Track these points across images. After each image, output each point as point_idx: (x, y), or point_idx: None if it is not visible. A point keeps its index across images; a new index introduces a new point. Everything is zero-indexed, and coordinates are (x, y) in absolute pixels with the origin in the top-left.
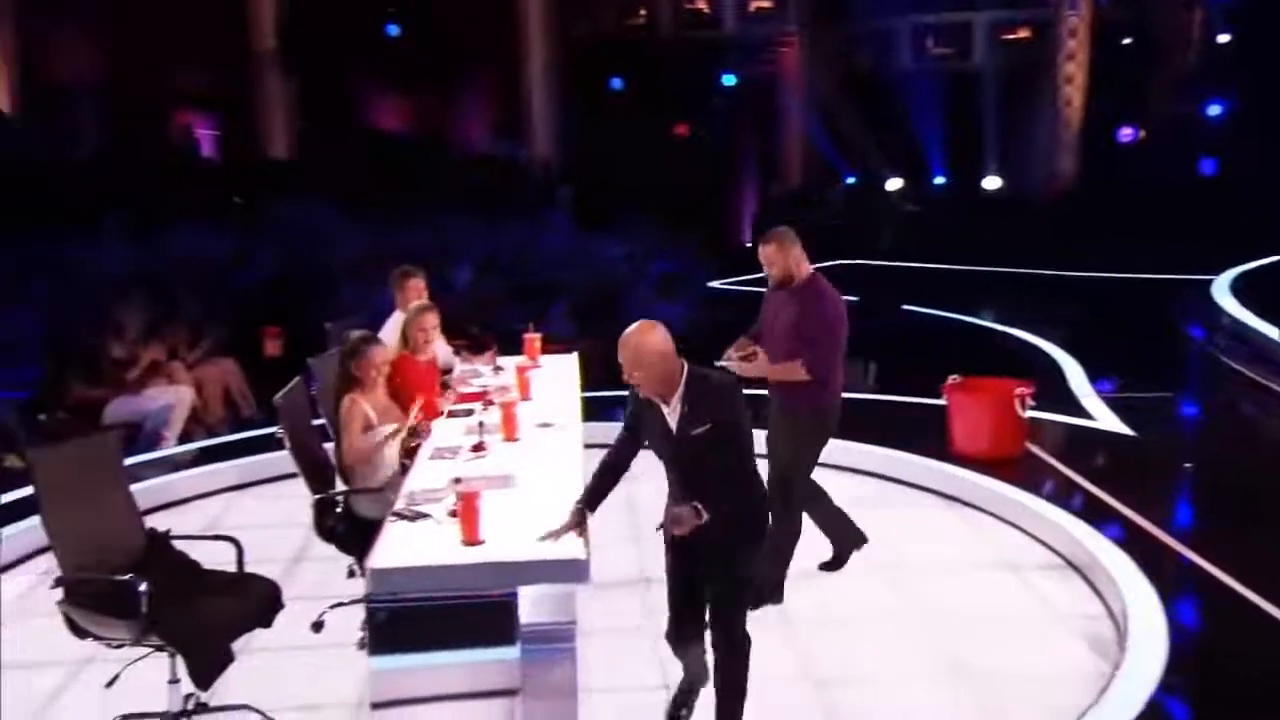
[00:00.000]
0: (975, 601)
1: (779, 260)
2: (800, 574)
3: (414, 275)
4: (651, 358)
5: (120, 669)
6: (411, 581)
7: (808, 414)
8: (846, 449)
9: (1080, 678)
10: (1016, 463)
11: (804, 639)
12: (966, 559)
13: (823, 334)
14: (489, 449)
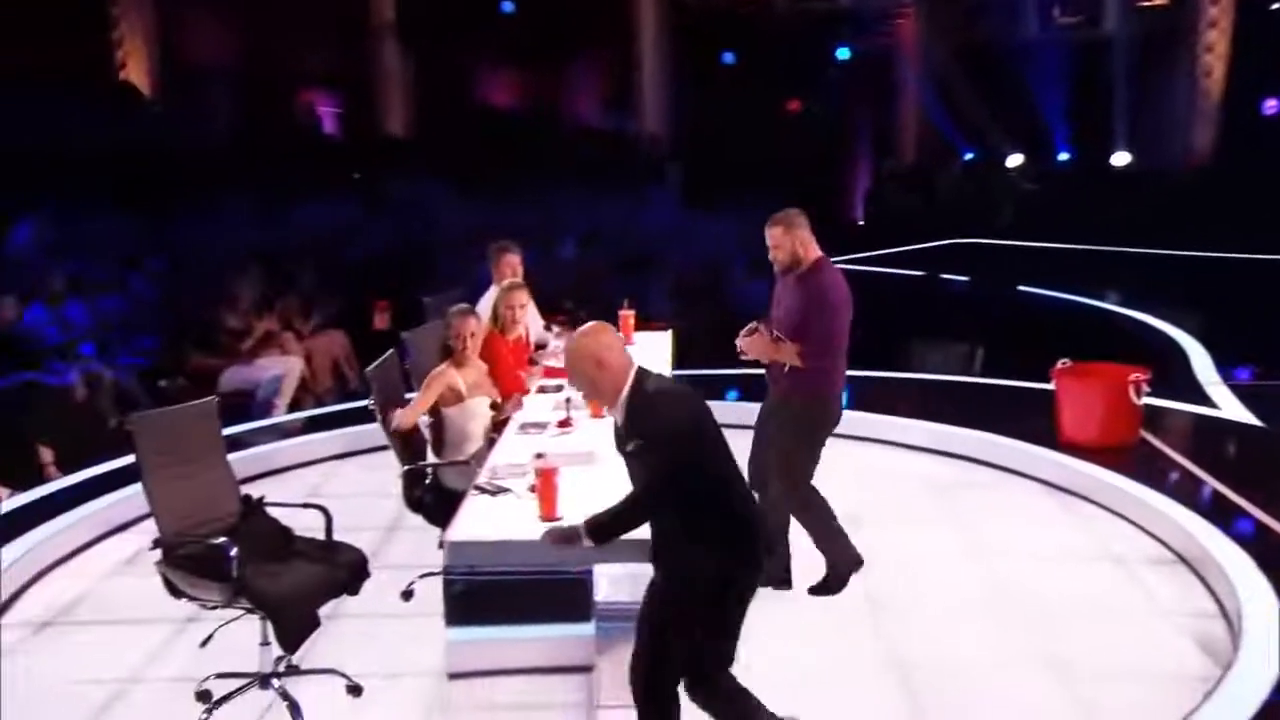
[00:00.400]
0: (1075, 594)
1: (785, 244)
2: (891, 559)
3: (510, 250)
4: (583, 364)
5: (214, 629)
6: (488, 555)
7: (805, 403)
8: (946, 433)
9: (1186, 678)
10: (1128, 452)
11: (891, 626)
12: (1068, 549)
13: (822, 321)
14: (575, 425)
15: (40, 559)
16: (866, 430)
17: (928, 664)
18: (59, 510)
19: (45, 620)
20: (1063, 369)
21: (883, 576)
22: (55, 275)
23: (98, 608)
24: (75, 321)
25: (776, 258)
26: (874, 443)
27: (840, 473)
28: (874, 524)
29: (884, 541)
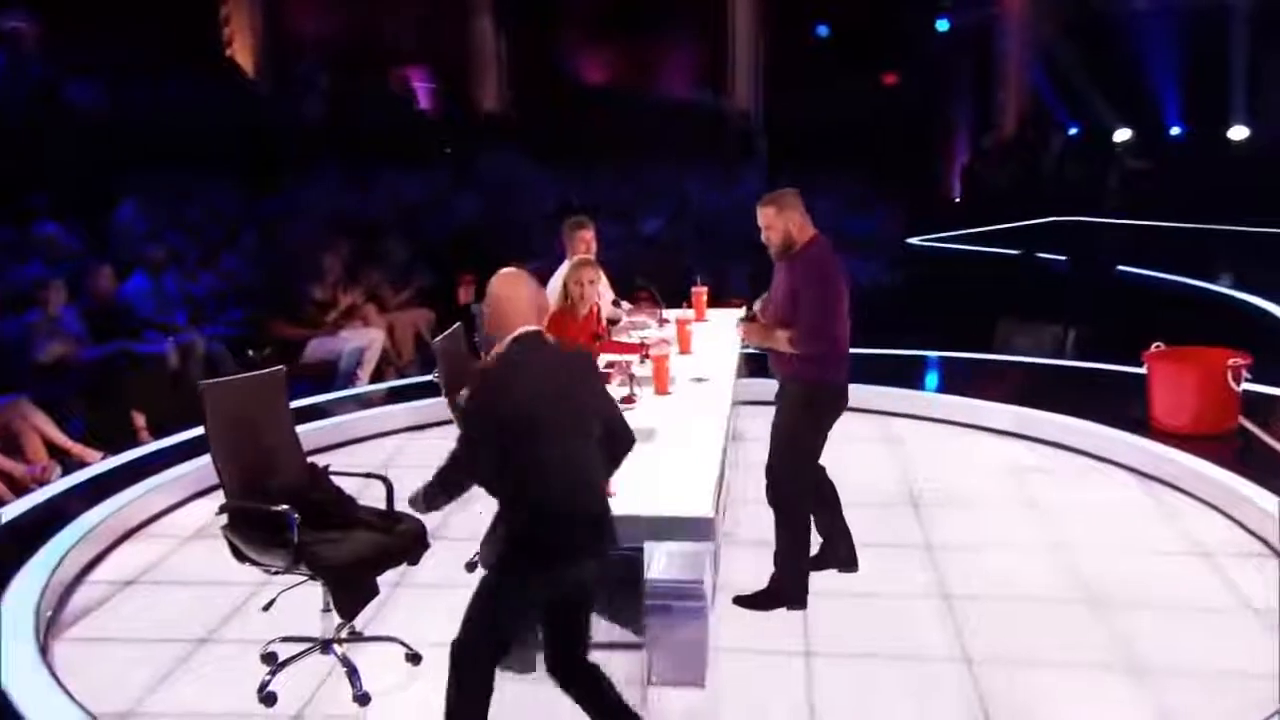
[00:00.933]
0: (1159, 588)
1: (778, 225)
2: (960, 546)
3: (585, 226)
4: (490, 299)
5: (277, 595)
6: None
7: (808, 388)
8: (1031, 417)
9: (1276, 679)
10: (1224, 440)
11: (961, 616)
12: (1151, 541)
13: (810, 304)
14: (638, 402)
15: (128, 520)
16: (946, 413)
17: (997, 658)
18: (148, 474)
19: (128, 579)
20: (1156, 352)
21: (954, 565)
22: (155, 248)
23: (177, 569)
24: (171, 293)
25: (769, 239)
26: (954, 426)
27: (917, 456)
28: (949, 509)
29: (958, 528)
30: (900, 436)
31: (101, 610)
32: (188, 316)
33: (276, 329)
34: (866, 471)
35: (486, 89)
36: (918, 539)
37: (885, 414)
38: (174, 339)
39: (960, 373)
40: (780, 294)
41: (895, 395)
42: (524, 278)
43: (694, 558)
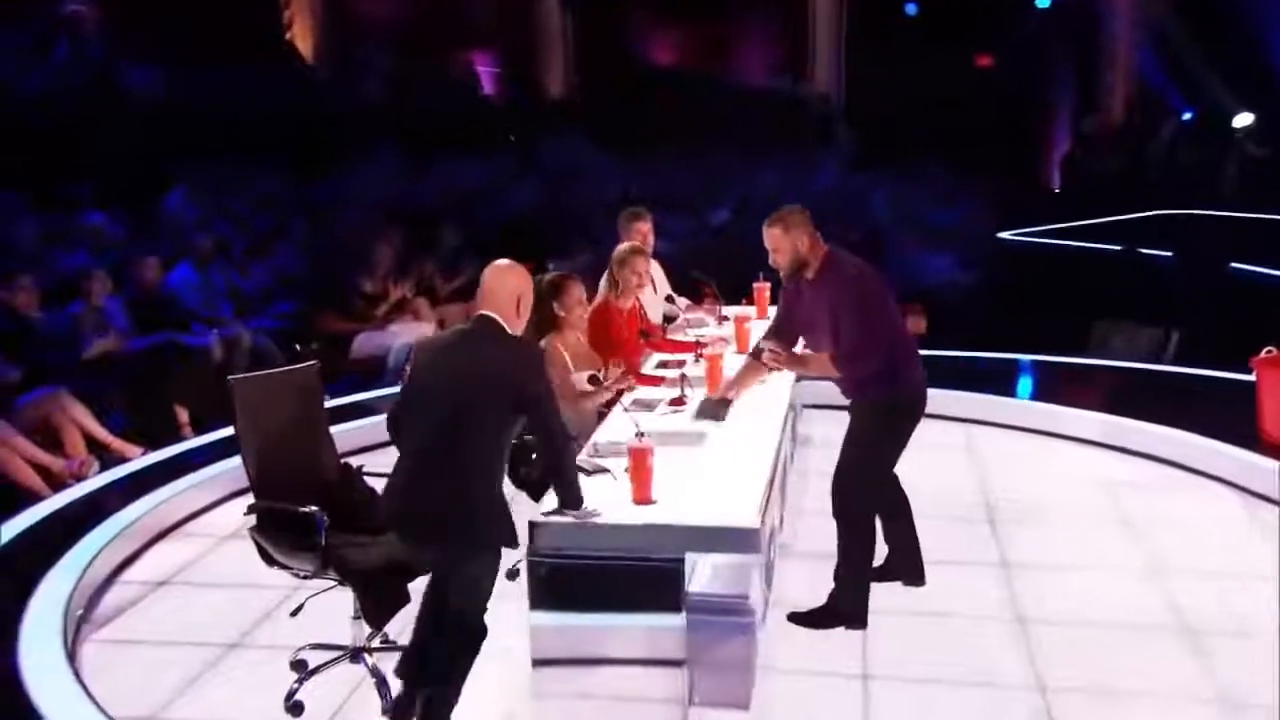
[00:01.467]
0: (1257, 616)
1: (785, 246)
2: (1039, 565)
3: (642, 217)
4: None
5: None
6: (574, 538)
7: (885, 399)
8: (1125, 426)
9: None
10: None
11: (1036, 640)
12: (1252, 564)
13: (854, 322)
14: (689, 403)
15: (165, 518)
16: (1029, 420)
17: (1073, 688)
18: (188, 471)
19: (162, 579)
20: (1266, 358)
21: (1031, 585)
22: (203, 238)
23: (212, 570)
24: (218, 284)
25: (778, 262)
26: (1038, 434)
27: (996, 466)
28: (1028, 524)
29: (1037, 545)
30: (979, 445)
31: (132, 611)
32: (234, 309)
33: (324, 322)
34: (940, 481)
35: (552, 73)
36: (992, 555)
37: (963, 420)
38: (219, 332)
39: (1048, 377)
40: (807, 316)
41: (975, 401)
42: (515, 271)
43: (740, 571)
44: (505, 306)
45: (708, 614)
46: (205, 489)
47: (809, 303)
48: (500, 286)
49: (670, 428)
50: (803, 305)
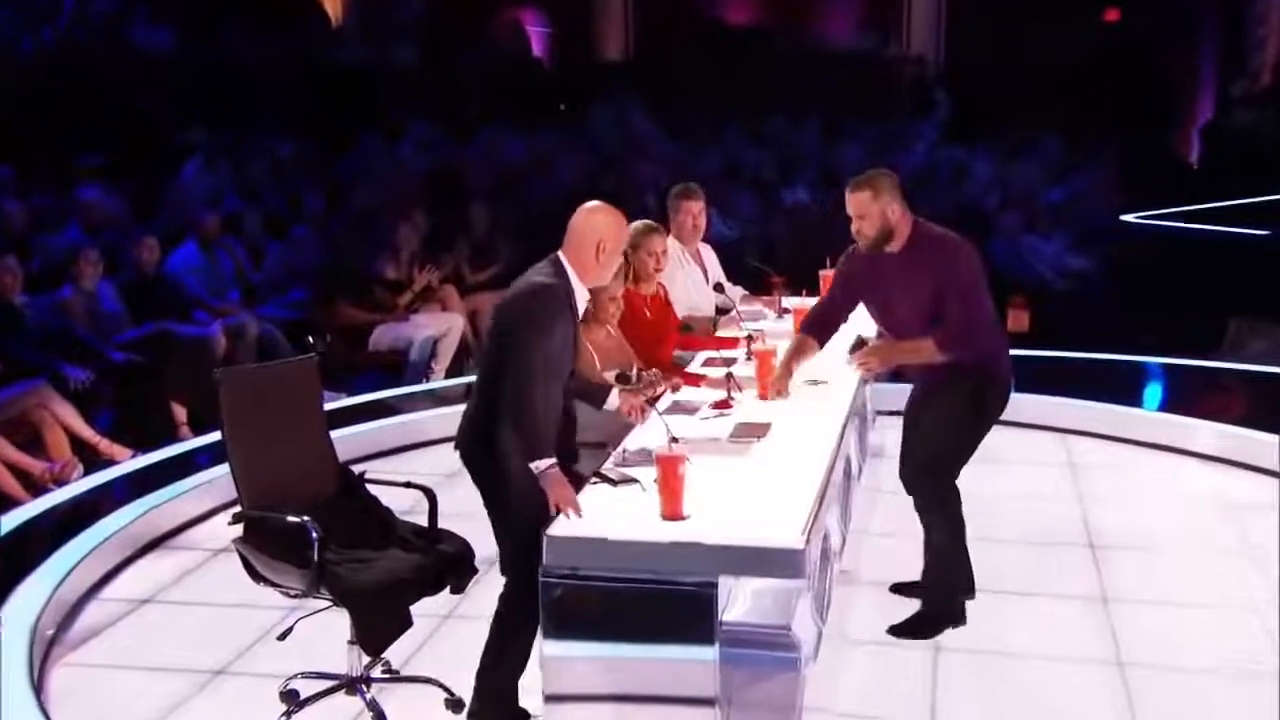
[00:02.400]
0: None
1: (873, 212)
2: (1145, 600)
3: (692, 195)
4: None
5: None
6: (593, 556)
7: (977, 384)
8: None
9: None
10: None
11: (1137, 689)
12: None
13: (962, 299)
14: (736, 406)
15: (154, 528)
16: (1142, 433)
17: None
18: (182, 475)
19: (146, 596)
20: None
21: (1134, 624)
22: (210, 215)
23: (202, 587)
24: (225, 268)
25: (863, 231)
26: (1152, 449)
27: (1100, 484)
28: (1134, 552)
29: (1144, 578)
30: (1081, 460)
31: (110, 631)
32: (241, 295)
33: (341, 312)
34: (1034, 501)
35: (610, 33)
36: (1091, 588)
37: (1064, 431)
38: (223, 321)
39: (1168, 383)
40: (896, 295)
41: (1078, 409)
42: (602, 212)
43: (784, 599)
44: (582, 250)
45: (744, 647)
46: (201, 496)
47: (890, 278)
48: (580, 227)
49: (711, 433)
50: (879, 280)
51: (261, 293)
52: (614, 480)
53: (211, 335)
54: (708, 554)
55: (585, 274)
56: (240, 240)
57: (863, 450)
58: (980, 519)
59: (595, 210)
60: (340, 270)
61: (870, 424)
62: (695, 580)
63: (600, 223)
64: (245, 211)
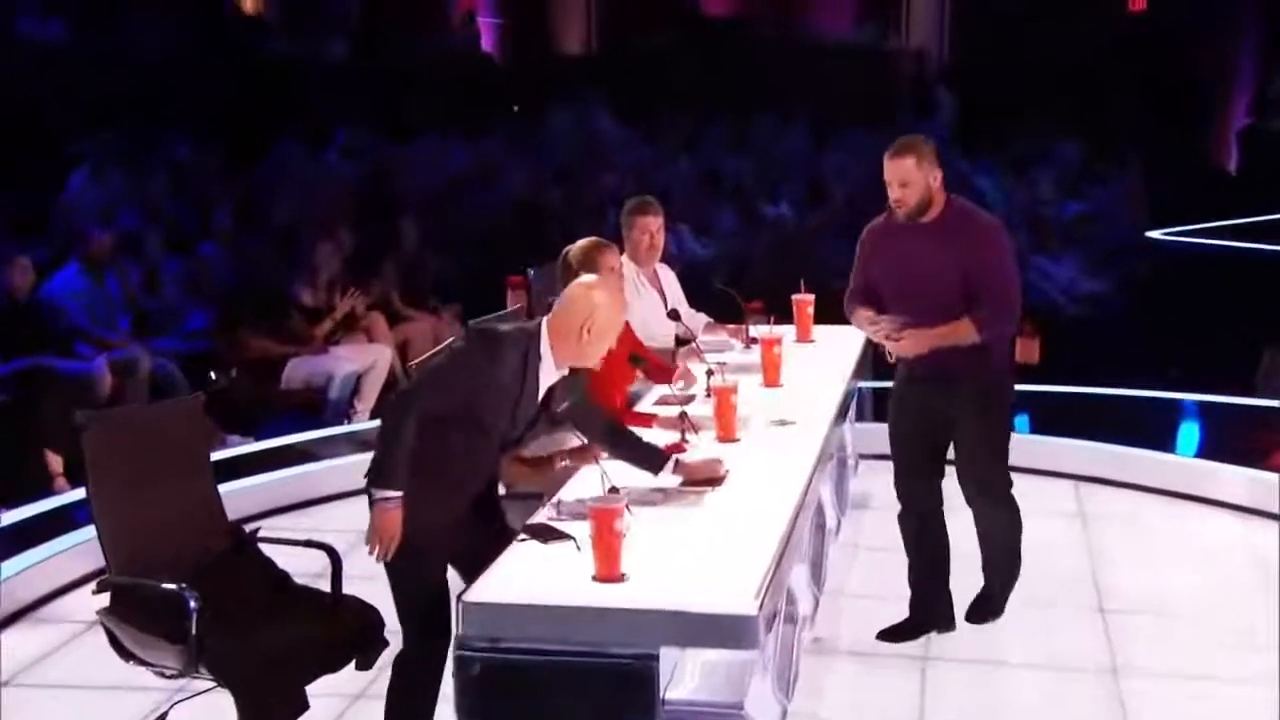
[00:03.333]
0: None
1: (918, 180)
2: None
3: (650, 210)
4: None
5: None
6: (516, 625)
7: (999, 378)
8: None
9: None
10: None
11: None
12: None
13: (1002, 277)
14: (690, 449)
15: (16, 597)
16: (1163, 480)
17: None
18: (55, 534)
19: (3, 680)
20: None
21: (1151, 702)
22: (100, 232)
23: (68, 668)
24: (114, 293)
25: (905, 199)
26: (1174, 498)
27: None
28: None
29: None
30: (1093, 510)
31: None
32: (132, 325)
33: (249, 343)
34: (1039, 557)
35: (571, 24)
36: (1102, 660)
37: (1074, 478)
38: (109, 355)
39: (1193, 422)
40: (926, 271)
41: (1091, 452)
42: (596, 291)
43: (737, 672)
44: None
45: None
46: (74, 558)
47: (917, 252)
48: (573, 299)
49: (660, 482)
50: (903, 254)
51: (157, 322)
52: (544, 536)
53: (94, 371)
54: (647, 621)
55: (562, 351)
56: (137, 262)
57: (841, 500)
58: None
59: (593, 286)
60: (248, 294)
61: (851, 470)
62: (633, 652)
63: (596, 301)
64: (144, 229)
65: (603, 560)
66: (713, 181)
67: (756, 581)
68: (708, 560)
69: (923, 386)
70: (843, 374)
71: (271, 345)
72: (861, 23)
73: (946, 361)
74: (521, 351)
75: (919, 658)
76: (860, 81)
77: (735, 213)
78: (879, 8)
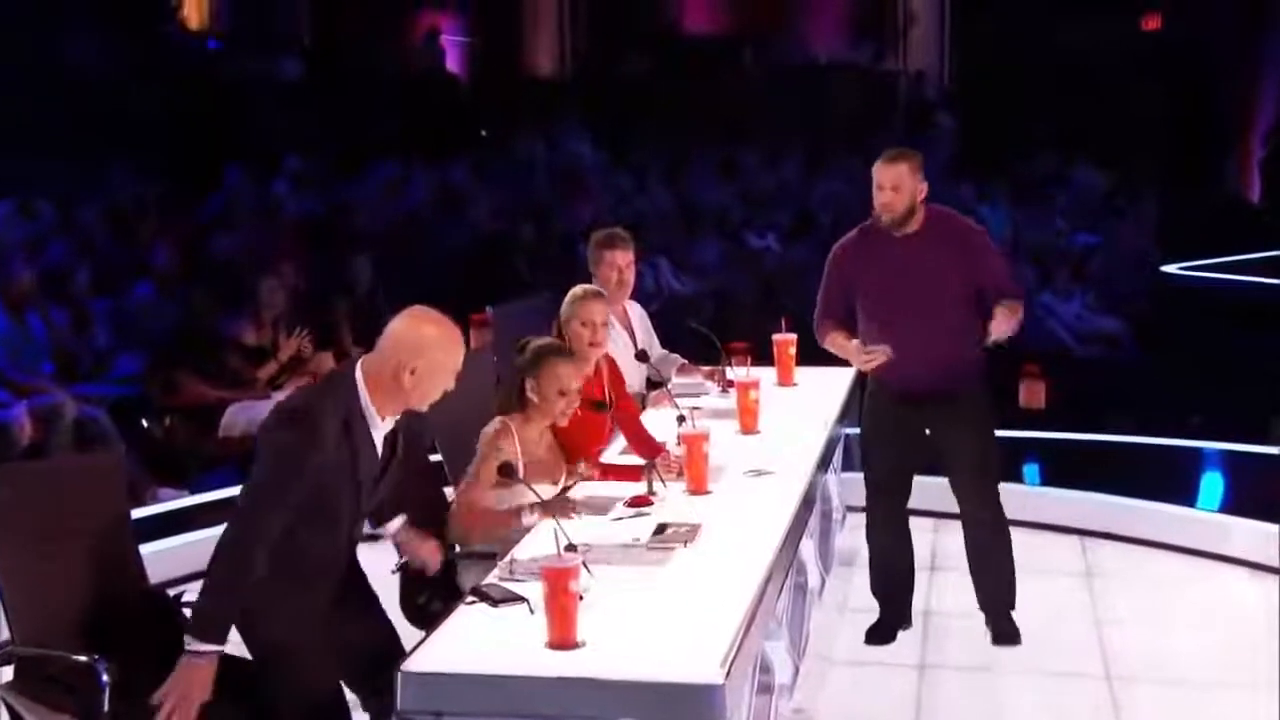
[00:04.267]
0: None
1: (908, 187)
2: None
3: (620, 244)
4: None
5: None
6: (460, 696)
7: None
8: None
9: None
10: None
11: None
12: None
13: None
14: (658, 503)
15: None
16: (1175, 535)
17: None
18: None
19: None
20: None
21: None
22: (22, 269)
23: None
24: (37, 334)
25: (893, 205)
26: (1187, 554)
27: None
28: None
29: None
30: (1100, 568)
31: None
32: (56, 369)
33: (185, 387)
34: (1043, 619)
35: (543, 43)
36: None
37: (1079, 533)
38: (30, 401)
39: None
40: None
41: (1096, 505)
42: (426, 325)
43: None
44: (381, 365)
45: None
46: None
47: (906, 262)
48: (396, 334)
49: (624, 538)
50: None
51: (84, 365)
52: (493, 599)
53: (13, 419)
54: (603, 692)
55: (382, 400)
56: (64, 302)
57: (825, 557)
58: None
59: (424, 320)
60: (185, 333)
61: (838, 524)
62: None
63: (425, 337)
64: (73, 264)
65: (557, 625)
66: (694, 212)
67: (724, 647)
68: (671, 625)
69: (905, 406)
70: (826, 420)
71: (208, 389)
72: (854, 42)
73: (942, 378)
74: (340, 418)
75: None
76: (854, 105)
77: (718, 245)
78: (874, 26)
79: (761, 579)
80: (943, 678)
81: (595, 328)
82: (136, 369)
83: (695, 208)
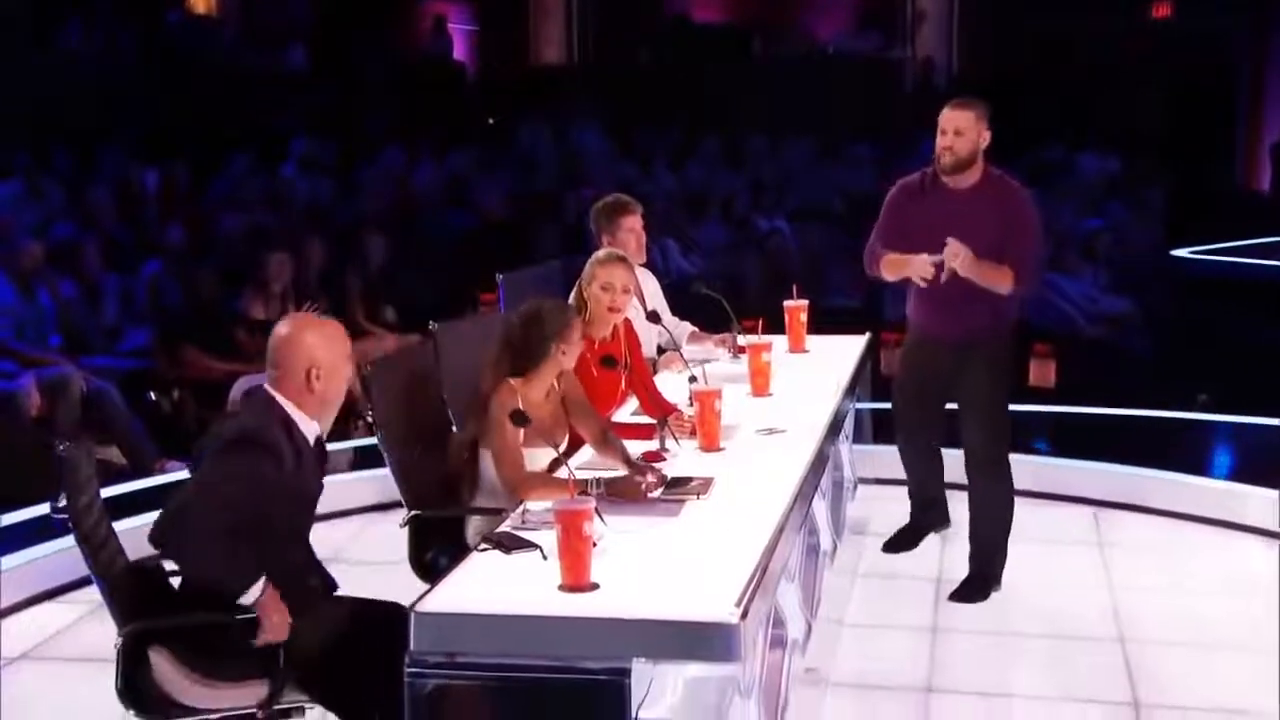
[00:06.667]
0: None
1: (971, 134)
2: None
3: (629, 210)
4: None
5: None
6: (473, 637)
7: (1009, 343)
8: None
9: None
10: None
11: None
12: None
13: (1038, 245)
14: (670, 458)
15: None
16: (1188, 505)
17: None
18: None
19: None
20: None
21: None
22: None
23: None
24: (46, 307)
25: (954, 149)
26: (1200, 523)
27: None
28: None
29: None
30: (1113, 538)
31: None
32: (64, 341)
33: (192, 360)
34: (1057, 588)
35: (550, 32)
36: (1120, 692)
37: (1091, 503)
38: (38, 373)
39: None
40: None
41: (1108, 475)
42: (313, 330)
43: (718, 689)
44: (292, 379)
45: None
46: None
47: (953, 215)
48: (284, 354)
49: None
50: (938, 216)
51: (92, 338)
52: (506, 545)
53: (20, 390)
54: (618, 631)
55: (306, 404)
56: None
57: (837, 524)
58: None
59: (301, 327)
60: (193, 306)
61: (850, 493)
62: (603, 666)
63: (308, 343)
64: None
65: (570, 567)
66: (702, 198)
67: (738, 589)
68: (686, 569)
69: (934, 348)
70: (838, 385)
71: (216, 363)
72: (862, 30)
73: (968, 324)
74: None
75: (922, 689)
76: (862, 92)
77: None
78: (882, 14)
79: (775, 527)
80: (954, 641)
81: (616, 293)
82: (144, 343)
83: (702, 194)
